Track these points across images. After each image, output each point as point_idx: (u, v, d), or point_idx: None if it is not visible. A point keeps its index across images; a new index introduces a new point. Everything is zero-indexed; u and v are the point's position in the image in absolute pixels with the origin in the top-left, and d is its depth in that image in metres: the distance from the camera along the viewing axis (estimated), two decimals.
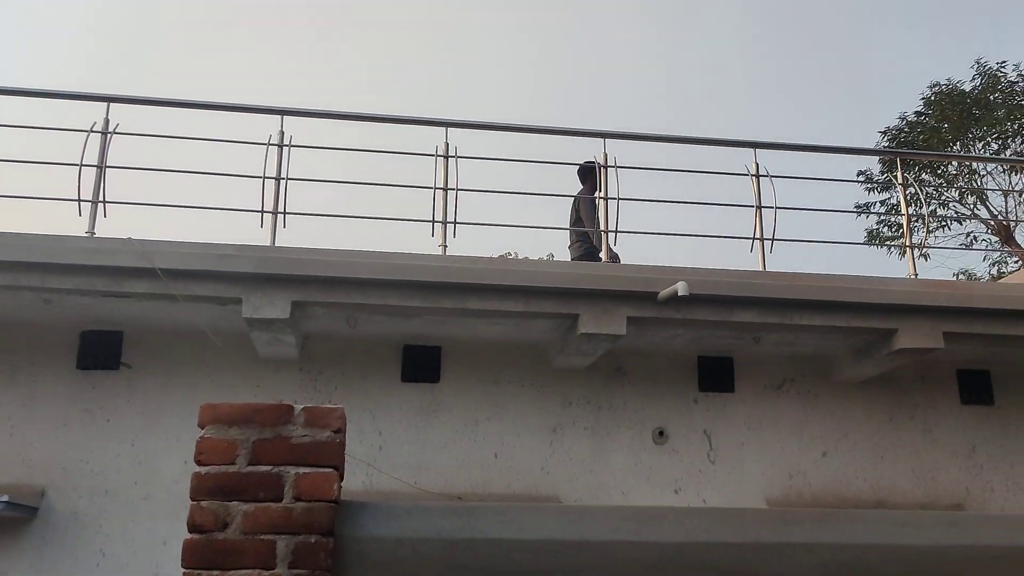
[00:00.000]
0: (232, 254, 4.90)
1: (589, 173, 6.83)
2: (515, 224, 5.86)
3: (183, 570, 1.97)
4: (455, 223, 5.40)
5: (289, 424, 2.09)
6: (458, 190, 5.43)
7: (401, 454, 5.61)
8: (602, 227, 5.55)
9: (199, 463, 2.04)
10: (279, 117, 5.48)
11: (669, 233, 5.84)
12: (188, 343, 5.57)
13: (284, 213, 5.29)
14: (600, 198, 5.71)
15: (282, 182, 5.30)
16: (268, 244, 5.19)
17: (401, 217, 5.56)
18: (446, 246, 5.38)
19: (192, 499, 2.01)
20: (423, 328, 5.59)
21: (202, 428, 2.07)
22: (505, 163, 5.94)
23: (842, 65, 36.60)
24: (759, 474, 6.07)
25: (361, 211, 5.73)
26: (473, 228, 5.66)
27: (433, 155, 5.53)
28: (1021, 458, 6.35)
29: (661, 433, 6.03)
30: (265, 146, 5.40)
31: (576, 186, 7.16)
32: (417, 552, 2.13)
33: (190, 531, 2.00)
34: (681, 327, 5.56)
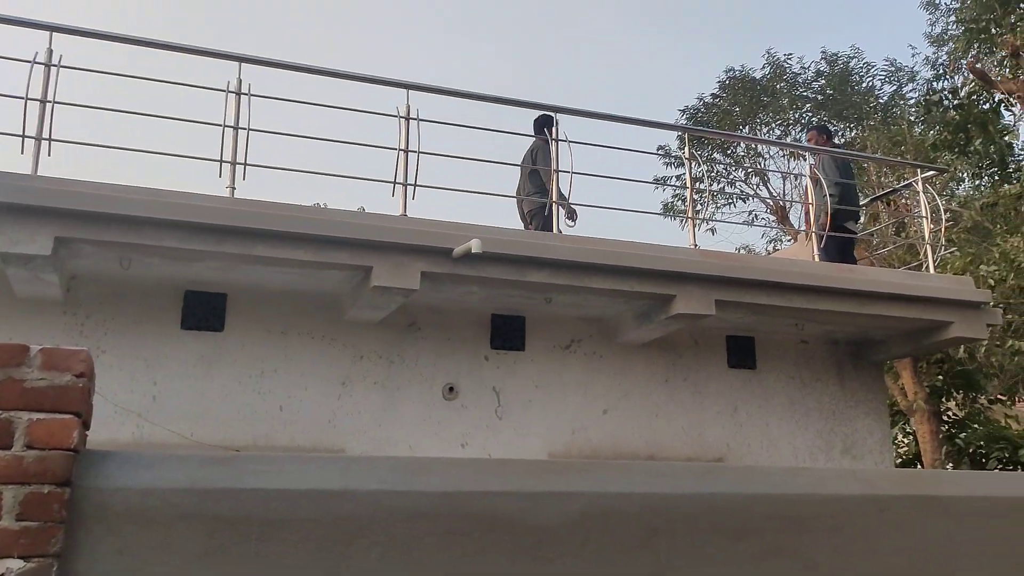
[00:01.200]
0: None
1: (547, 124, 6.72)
2: (308, 170, 5.64)
3: None
4: (245, 164, 5.13)
5: (23, 366, 1.90)
6: (250, 130, 5.15)
7: (178, 405, 5.32)
8: (401, 180, 5.47)
9: None
10: (48, 33, 4.93)
11: (469, 191, 5.87)
12: None
13: (49, 140, 4.79)
14: (418, 152, 5.61)
15: (48, 105, 4.79)
16: (29, 172, 4.69)
17: (186, 155, 5.20)
18: (234, 188, 5.10)
19: None
20: (207, 274, 5.30)
21: None
22: (308, 109, 5.71)
23: (651, 45, 38.23)
24: (544, 430, 6.29)
25: (140, 145, 5.31)
26: (272, 176, 5.43)
27: (224, 90, 5.20)
28: (775, 418, 6.98)
29: (451, 389, 6.10)
30: (30, 64, 4.86)
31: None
32: (168, 503, 2.01)
33: None
34: (475, 285, 5.62)
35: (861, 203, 8.77)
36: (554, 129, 6.03)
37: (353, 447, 5.72)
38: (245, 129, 5.11)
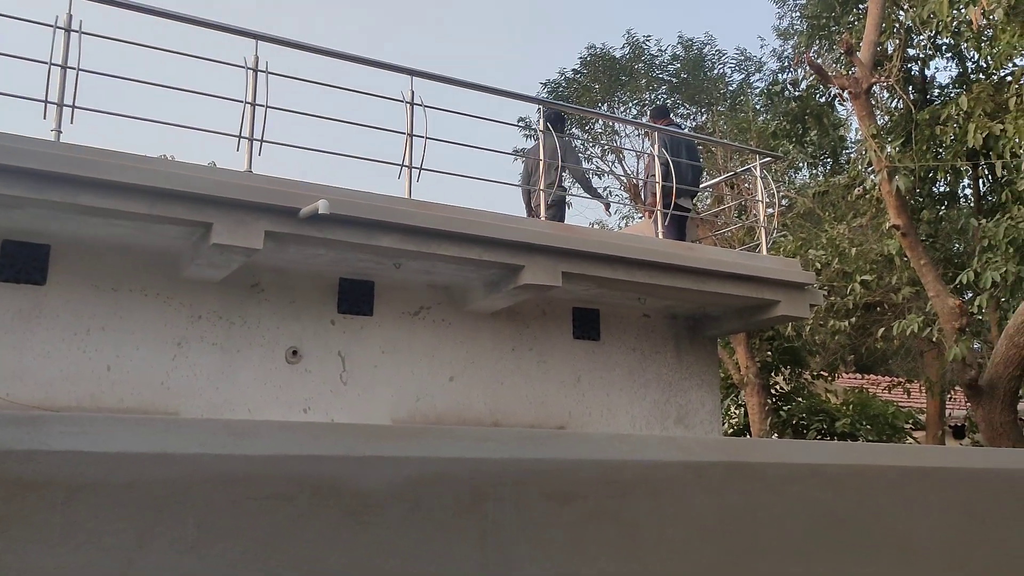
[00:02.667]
0: None
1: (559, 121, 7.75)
2: (143, 117, 5.31)
3: None
4: (72, 107, 4.77)
5: None
6: (80, 70, 4.78)
7: None
8: (247, 134, 5.25)
9: None
10: None
11: (317, 149, 5.71)
12: None
13: None
14: (266, 107, 5.37)
15: None
16: None
17: (6, 93, 4.78)
18: (60, 132, 4.74)
19: None
20: (28, 222, 4.93)
21: None
22: (149, 54, 5.36)
23: (516, 15, 38.32)
24: (389, 396, 6.26)
25: None
26: (116, 125, 5.06)
27: (51, 26, 4.80)
28: (616, 387, 7.24)
29: (295, 352, 5.96)
30: None
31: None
32: None
33: None
34: (323, 247, 5.50)
35: (704, 184, 9.16)
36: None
37: (188, 410, 5.51)
38: (75, 69, 4.75)
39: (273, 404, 5.82)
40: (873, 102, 10.61)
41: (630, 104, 20.48)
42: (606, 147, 20.67)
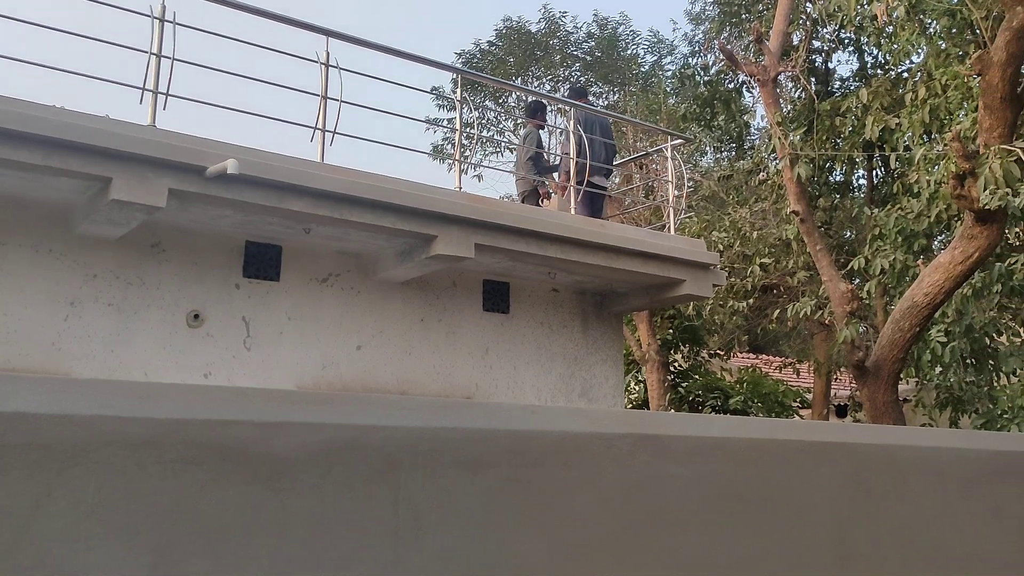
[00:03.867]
0: None
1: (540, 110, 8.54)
2: (35, 62, 5.02)
3: None
4: None
5: None
6: None
7: None
8: (151, 87, 5.02)
9: None
10: None
11: (224, 106, 5.51)
12: None
13: None
14: (172, 59, 5.13)
15: None
16: None
17: None
18: None
19: None
20: None
21: None
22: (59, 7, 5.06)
23: None
24: (294, 363, 6.15)
25: None
26: (14, 72, 4.75)
27: None
28: (523, 361, 7.30)
29: (196, 316, 5.78)
30: None
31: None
32: None
33: None
34: (229, 208, 5.33)
35: (616, 163, 9.28)
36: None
37: (81, 372, 5.28)
38: None
39: (172, 369, 5.64)
40: (778, 91, 10.94)
41: (544, 80, 20.53)
42: (519, 120, 20.68)
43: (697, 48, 16.46)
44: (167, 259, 5.71)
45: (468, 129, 10.52)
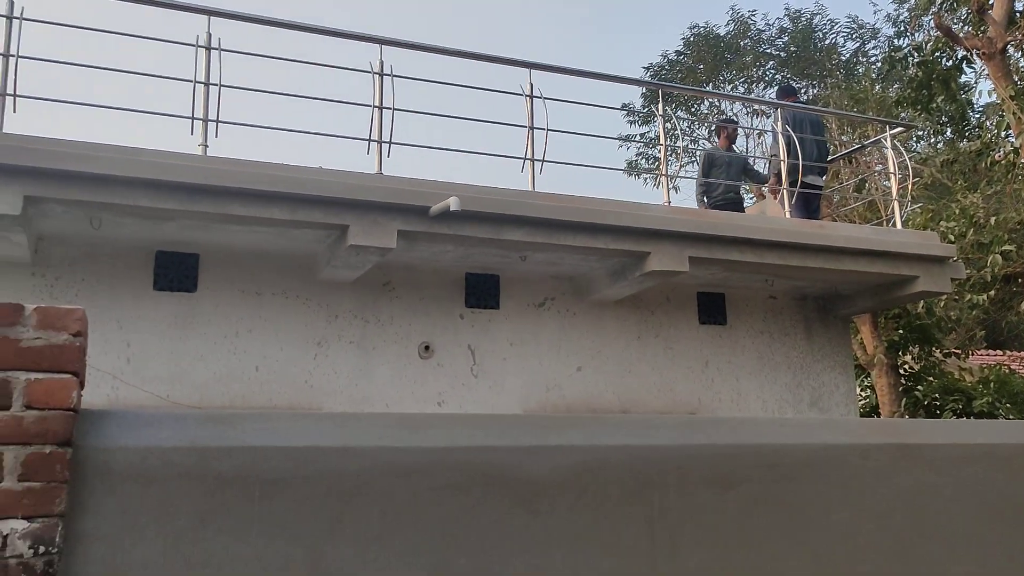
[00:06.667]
0: None
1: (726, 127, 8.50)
2: (283, 128, 5.56)
3: None
4: (217, 121, 5.02)
5: (18, 325, 1.87)
6: (221, 86, 5.03)
7: (152, 367, 5.27)
8: (376, 137, 5.40)
9: None
10: None
11: (443, 148, 5.82)
12: None
13: (15, 96, 4.64)
14: (393, 109, 5.52)
15: (11, 60, 4.64)
16: None
17: (156, 112, 5.09)
18: (207, 146, 5.00)
19: None
20: (179, 233, 5.21)
21: None
22: (282, 65, 5.61)
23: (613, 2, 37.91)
24: (519, 387, 6.34)
25: (112, 101, 5.15)
26: (244, 134, 5.32)
27: (194, 45, 5.07)
28: (745, 372, 7.11)
29: (427, 347, 6.11)
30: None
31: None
32: (168, 461, 2.00)
33: None
34: (451, 243, 5.60)
35: (829, 159, 8.87)
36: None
37: (330, 407, 5.72)
38: (217, 85, 5.00)
39: (408, 399, 5.98)
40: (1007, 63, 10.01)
41: (736, 82, 20.00)
42: (714, 127, 20.24)
43: (903, 28, 15.39)
44: (397, 296, 6.09)
45: (667, 142, 10.43)
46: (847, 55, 19.67)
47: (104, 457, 1.92)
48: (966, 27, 11.66)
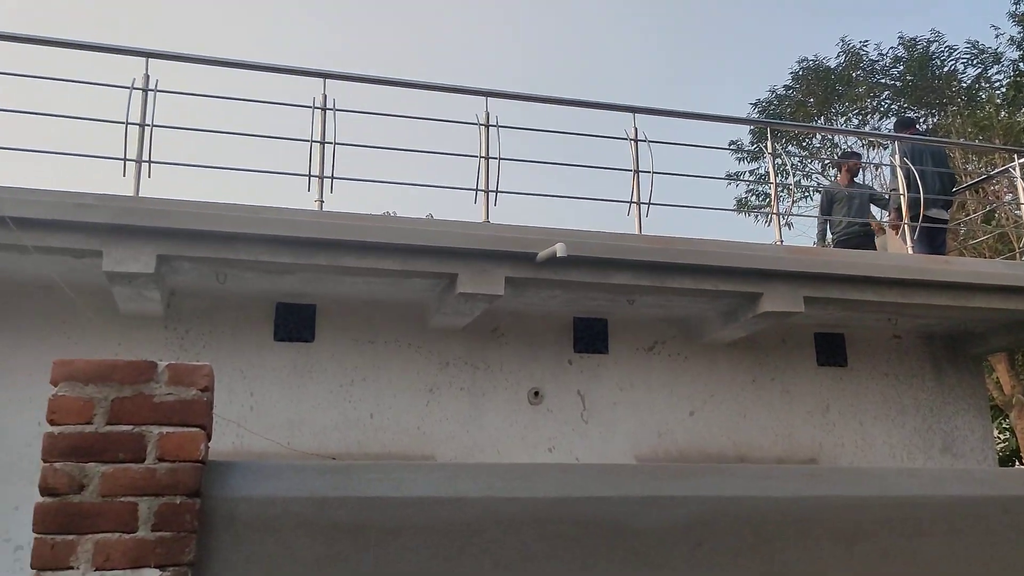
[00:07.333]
0: (91, 203, 4.59)
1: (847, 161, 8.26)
2: (394, 181, 5.75)
3: (35, 535, 1.85)
4: (332, 178, 5.24)
5: (152, 382, 1.98)
6: (336, 144, 5.26)
7: (273, 414, 5.47)
8: (483, 187, 5.51)
9: (51, 423, 1.92)
10: (144, 59, 5.14)
11: (549, 195, 5.89)
12: (42, 298, 5.23)
13: (149, 162, 4.99)
14: (499, 159, 5.64)
15: (147, 129, 4.99)
16: (131, 194, 4.89)
17: (276, 171, 5.36)
18: (322, 201, 5.22)
19: (44, 460, 1.88)
20: (297, 286, 5.43)
21: (55, 386, 1.94)
22: (388, 120, 5.83)
23: (716, 37, 37.70)
24: (629, 432, 6.25)
25: (234, 162, 5.45)
26: (352, 186, 5.54)
27: (311, 107, 5.33)
28: (869, 416, 6.80)
29: (536, 393, 6.11)
30: (129, 90, 5.06)
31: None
32: (289, 511, 2.07)
33: (42, 494, 1.87)
34: (558, 288, 5.63)
35: (954, 190, 8.48)
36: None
37: (442, 453, 5.79)
38: (332, 143, 5.23)
39: (519, 445, 5.99)
40: None
41: (850, 114, 19.43)
42: (827, 161, 19.69)
43: None
44: (506, 342, 6.14)
45: (777, 179, 10.22)
46: (968, 81, 18.84)
47: (230, 507, 2.00)
48: None
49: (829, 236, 8.03)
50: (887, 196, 8.33)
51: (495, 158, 5.54)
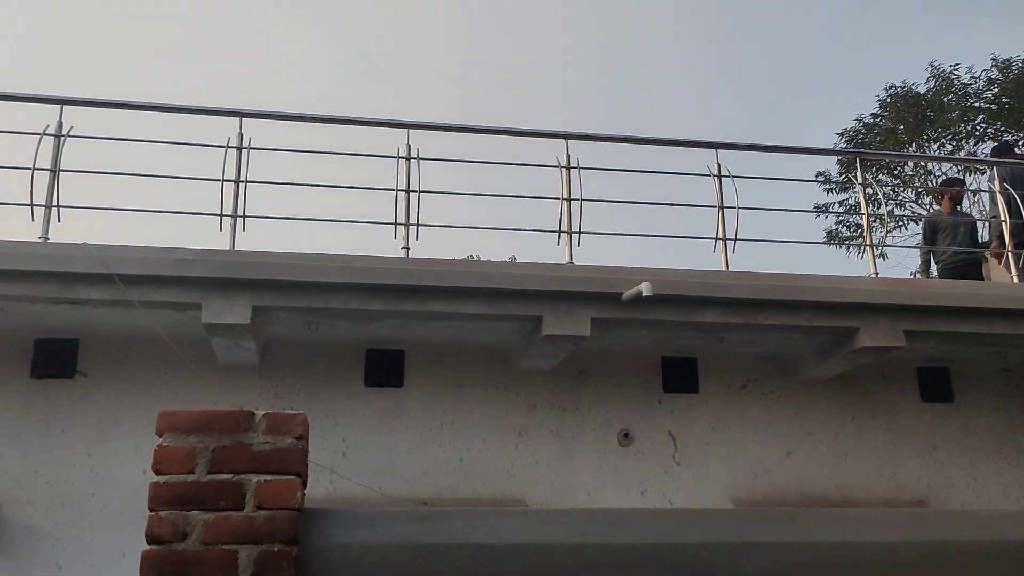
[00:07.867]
0: (191, 258, 4.80)
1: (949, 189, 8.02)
2: (478, 226, 5.83)
3: None
4: (417, 225, 5.35)
5: (250, 431, 2.03)
6: (420, 192, 5.38)
7: (365, 460, 5.54)
8: (565, 228, 5.53)
9: (157, 472, 1.98)
10: (238, 119, 5.38)
11: (633, 234, 5.85)
12: (146, 350, 5.46)
13: (244, 216, 5.19)
14: (581, 200, 5.67)
15: (241, 185, 5.21)
16: (227, 248, 5.09)
17: (363, 220, 5.50)
18: (408, 248, 5.33)
19: (150, 509, 1.95)
20: (386, 332, 5.52)
21: (159, 436, 2.01)
22: (469, 165, 5.93)
23: (797, 66, 37.16)
24: (724, 474, 6.09)
25: (322, 214, 5.61)
26: (437, 231, 5.63)
27: (395, 157, 5.47)
28: (980, 454, 6.45)
29: (626, 435, 6.03)
30: (224, 148, 5.30)
31: None
32: (383, 559, 2.08)
33: (148, 542, 1.93)
34: (645, 328, 5.57)
35: None
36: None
37: (532, 497, 5.74)
38: (416, 192, 5.35)
39: (610, 487, 5.90)
40: None
41: (943, 140, 18.82)
42: (920, 189, 19.06)
43: None
44: (593, 383, 6.09)
45: (869, 209, 9.93)
46: None
47: (326, 555, 2.02)
48: None
49: (933, 267, 7.74)
50: (981, 228, 8.01)
51: (577, 199, 5.55)
